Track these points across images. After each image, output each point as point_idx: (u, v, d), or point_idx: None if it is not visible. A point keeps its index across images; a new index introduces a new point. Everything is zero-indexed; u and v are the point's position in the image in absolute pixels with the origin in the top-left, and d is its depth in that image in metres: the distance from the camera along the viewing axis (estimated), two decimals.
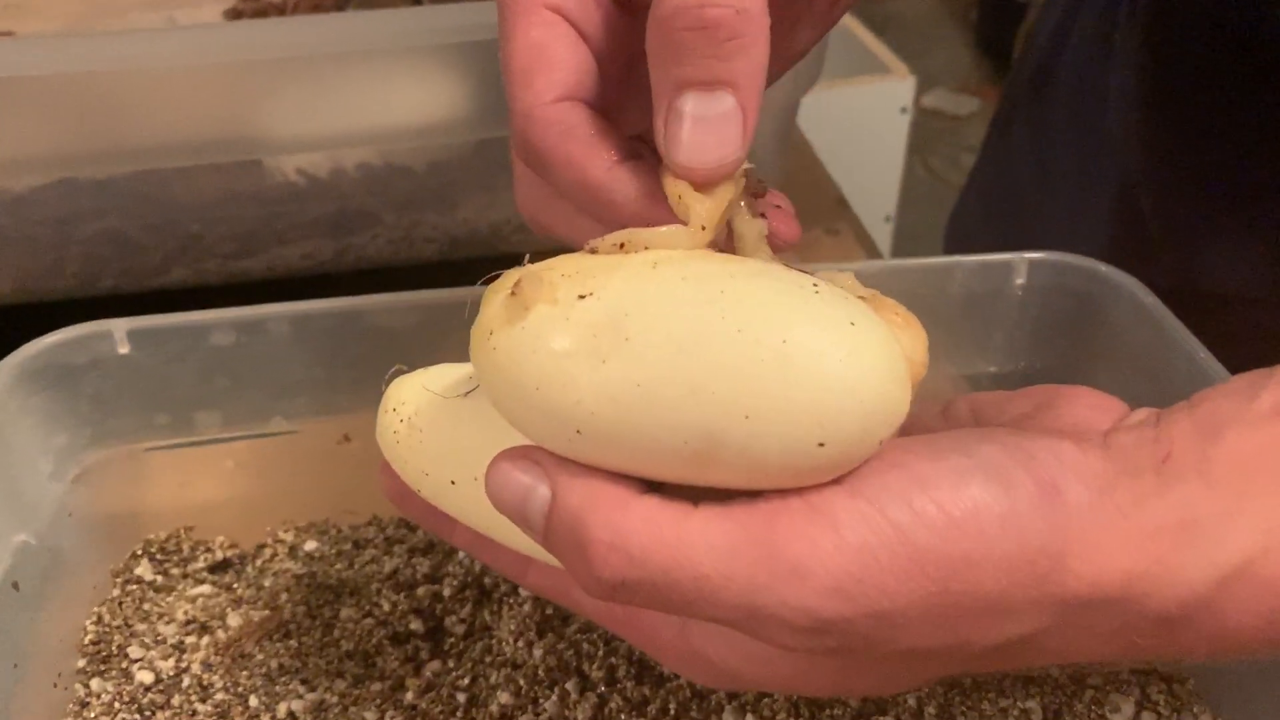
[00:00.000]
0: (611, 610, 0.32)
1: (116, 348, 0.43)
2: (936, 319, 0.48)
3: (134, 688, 0.40)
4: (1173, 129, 0.58)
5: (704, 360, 0.25)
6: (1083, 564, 0.26)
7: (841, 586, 0.25)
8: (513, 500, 0.28)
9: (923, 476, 0.26)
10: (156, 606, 0.44)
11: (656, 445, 0.26)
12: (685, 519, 0.26)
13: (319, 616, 0.43)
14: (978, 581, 0.25)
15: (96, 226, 0.60)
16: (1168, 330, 0.44)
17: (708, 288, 0.26)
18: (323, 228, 0.63)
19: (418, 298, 0.45)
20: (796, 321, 0.25)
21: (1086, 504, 0.26)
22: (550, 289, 0.26)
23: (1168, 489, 0.26)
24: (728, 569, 0.25)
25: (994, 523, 0.25)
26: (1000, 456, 0.26)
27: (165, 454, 0.45)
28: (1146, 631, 0.27)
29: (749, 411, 0.25)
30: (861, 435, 0.25)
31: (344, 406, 0.46)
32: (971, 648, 0.27)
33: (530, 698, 0.40)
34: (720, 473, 0.26)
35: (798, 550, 0.25)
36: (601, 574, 0.26)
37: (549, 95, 0.30)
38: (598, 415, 0.26)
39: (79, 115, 0.56)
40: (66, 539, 0.42)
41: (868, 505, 0.25)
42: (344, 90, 0.57)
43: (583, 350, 0.26)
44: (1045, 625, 0.26)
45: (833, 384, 0.25)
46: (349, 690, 0.41)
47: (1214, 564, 0.26)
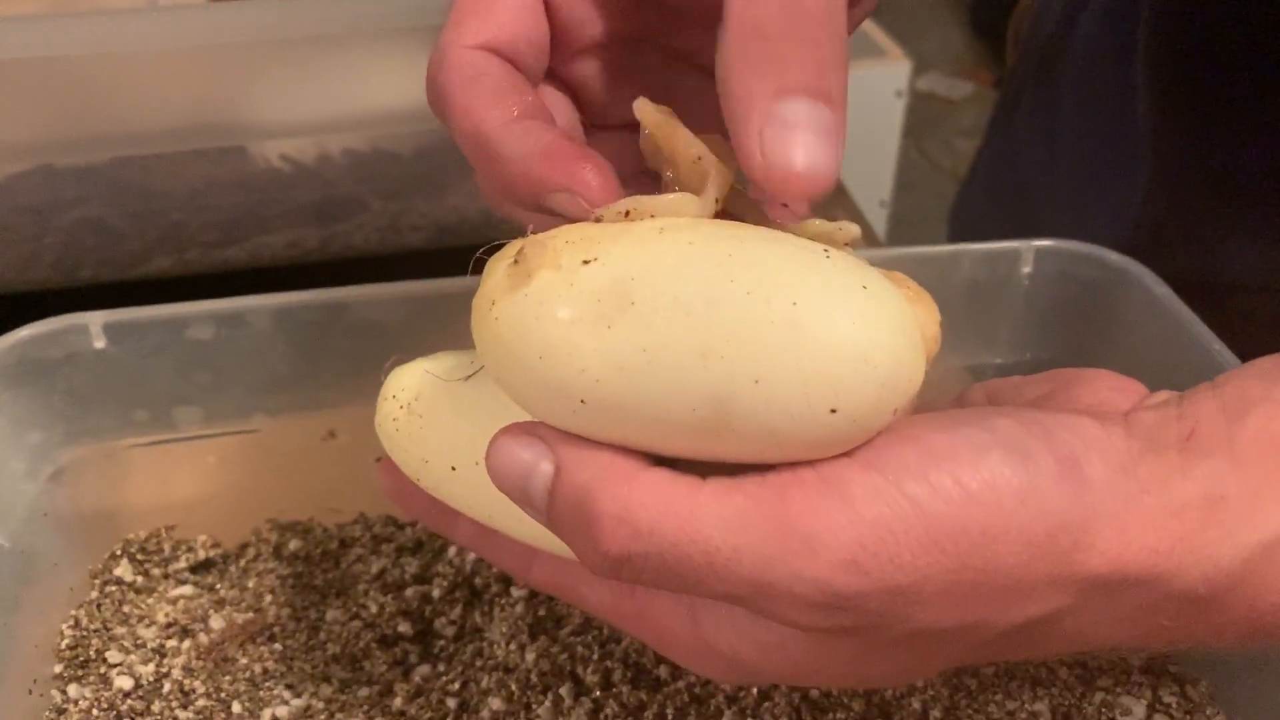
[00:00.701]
0: (619, 605, 0.31)
1: (92, 342, 0.41)
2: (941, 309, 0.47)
3: (113, 694, 0.39)
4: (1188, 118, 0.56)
5: (712, 324, 0.24)
6: (1105, 541, 0.25)
7: (856, 560, 0.24)
8: (515, 478, 0.27)
9: (938, 450, 0.25)
10: (136, 609, 0.42)
11: (664, 413, 0.25)
12: (695, 491, 0.25)
13: (304, 619, 0.42)
14: (996, 557, 0.25)
15: (76, 215, 0.58)
16: (1182, 321, 0.43)
17: (715, 250, 0.25)
18: (308, 215, 0.62)
19: (405, 289, 0.43)
20: (807, 284, 0.24)
21: (1108, 481, 0.25)
22: (554, 255, 0.26)
23: (1192, 467, 0.26)
24: (738, 542, 0.24)
25: (1012, 497, 0.25)
26: (1019, 431, 0.25)
27: (144, 451, 0.44)
28: (1172, 612, 0.26)
29: (759, 376, 0.24)
30: (875, 402, 0.24)
31: (329, 402, 0.45)
32: (988, 629, 0.26)
33: (523, 703, 0.38)
34: (729, 443, 0.25)
35: (811, 523, 0.24)
36: (609, 548, 0.25)
37: (470, 40, 0.29)
38: (603, 383, 0.25)
39: (57, 100, 0.55)
40: (42, 540, 0.41)
41: (882, 478, 0.25)
42: (329, 74, 0.56)
43: (587, 316, 0.25)
44: (1065, 605, 0.26)
45: (845, 348, 0.24)
46: (335, 696, 0.39)
47: (1242, 543, 0.25)
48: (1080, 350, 0.47)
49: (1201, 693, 0.39)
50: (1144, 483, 0.25)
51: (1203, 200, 0.57)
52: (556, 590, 0.33)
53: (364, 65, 0.56)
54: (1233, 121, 0.55)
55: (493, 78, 0.28)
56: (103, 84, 0.55)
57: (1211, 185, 0.57)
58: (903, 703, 0.39)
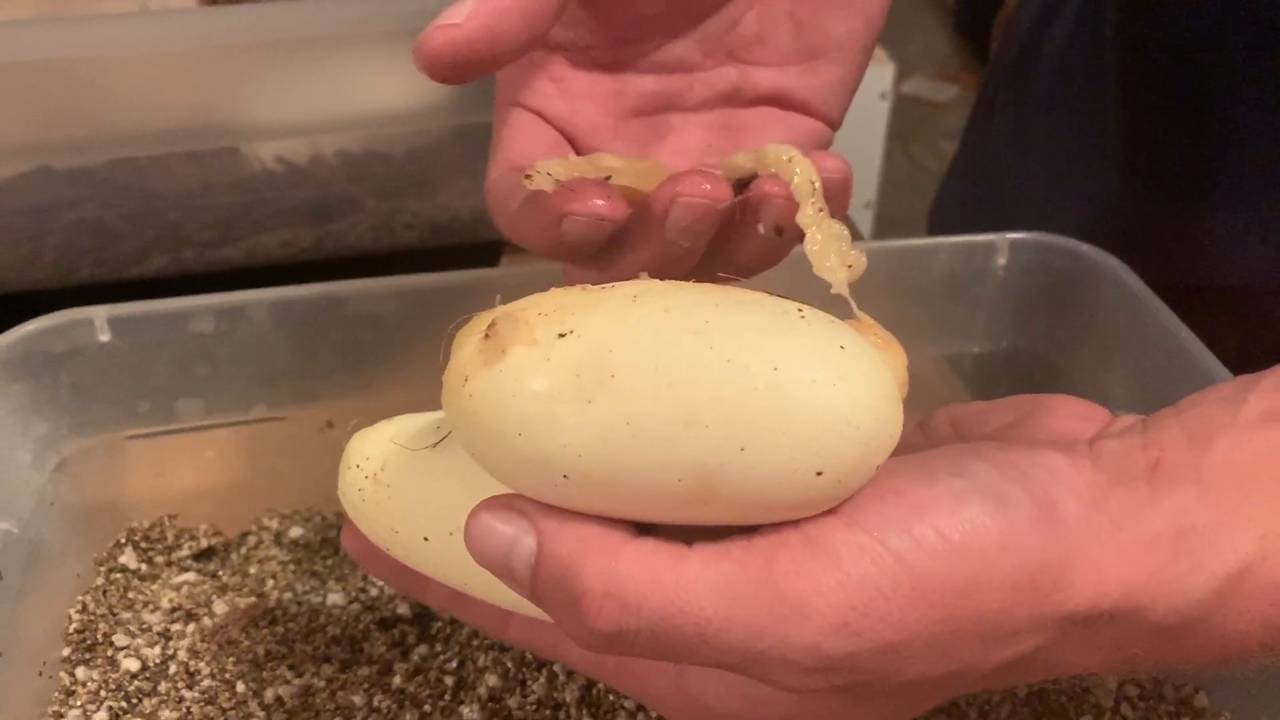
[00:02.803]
0: (601, 661, 0.31)
1: (97, 335, 0.42)
2: (920, 300, 0.49)
3: (120, 675, 0.40)
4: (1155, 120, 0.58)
5: (695, 393, 0.24)
6: (1082, 579, 0.26)
7: (847, 623, 0.24)
8: (495, 554, 0.27)
9: (919, 502, 0.25)
10: (141, 595, 0.44)
11: (649, 485, 0.25)
12: (681, 561, 0.25)
13: (305, 603, 0.43)
14: (981, 605, 0.25)
15: (74, 216, 0.59)
16: (1150, 310, 0.44)
17: (692, 318, 0.25)
18: (303, 215, 0.63)
19: (399, 283, 0.44)
20: (786, 349, 0.25)
21: (1082, 518, 0.26)
22: (528, 329, 0.25)
23: (1161, 499, 0.26)
24: (729, 611, 0.24)
25: (994, 545, 0.25)
26: (994, 475, 0.26)
27: (147, 442, 0.45)
28: (1145, 643, 0.27)
29: (744, 443, 0.24)
30: (860, 462, 0.25)
31: (326, 393, 0.46)
32: (974, 671, 0.26)
33: (518, 680, 0.40)
34: (715, 509, 0.25)
35: (800, 588, 0.24)
36: (596, 625, 0.25)
37: (493, 173, 0.33)
38: (586, 457, 0.25)
39: (55, 103, 0.56)
40: (48, 528, 0.42)
41: (866, 536, 0.25)
42: (322, 77, 0.57)
43: (567, 391, 0.25)
44: (1045, 643, 0.26)
45: (829, 411, 0.24)
46: (336, 675, 0.40)
47: (1211, 573, 0.26)
48: (1054, 338, 0.49)
49: None
50: (1115, 517, 0.26)
51: (1169, 199, 0.59)
52: (535, 648, 0.33)
53: (356, 68, 0.57)
54: (1198, 123, 0.57)
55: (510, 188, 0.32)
56: (100, 87, 0.56)
57: (1178, 184, 0.58)
58: None
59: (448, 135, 0.61)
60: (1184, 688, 0.40)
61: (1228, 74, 0.54)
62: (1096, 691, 0.40)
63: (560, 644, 0.32)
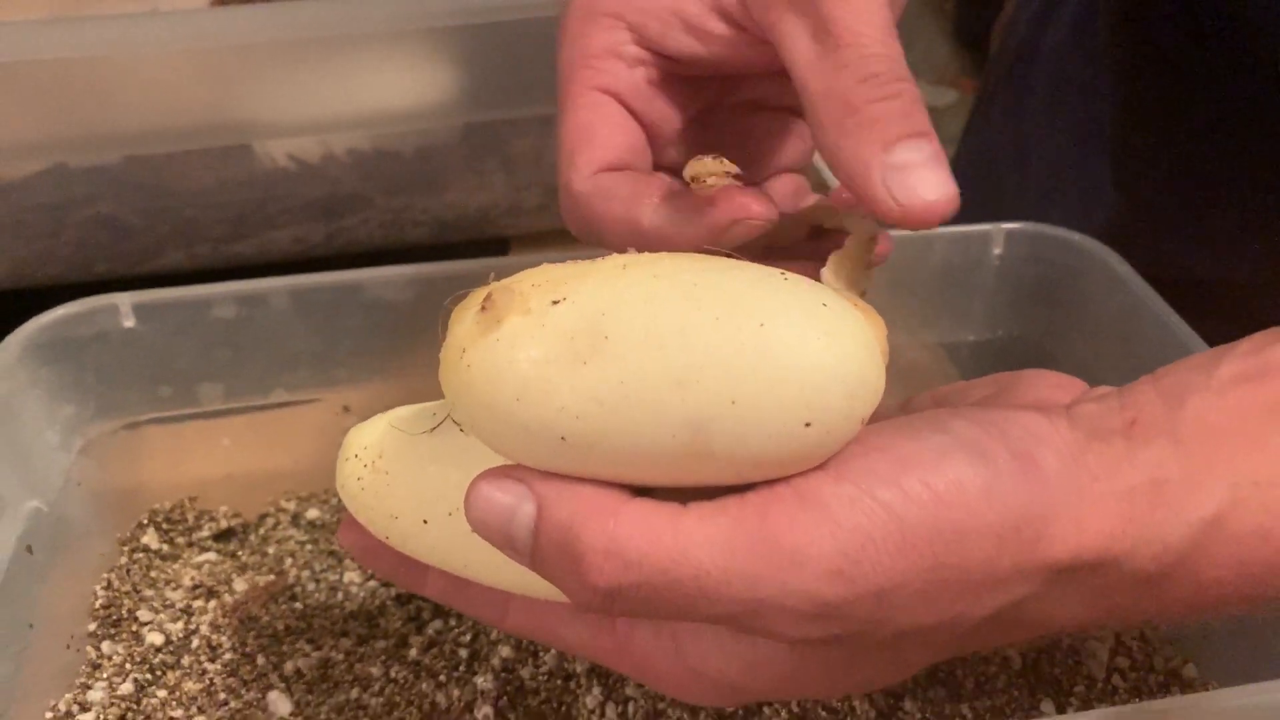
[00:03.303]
0: (599, 642, 0.31)
1: (121, 321, 0.44)
2: (917, 289, 0.50)
3: (144, 649, 0.42)
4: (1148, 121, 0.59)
5: (685, 351, 0.25)
6: (1064, 530, 0.27)
7: (840, 569, 0.25)
8: (496, 523, 0.27)
9: (904, 456, 0.26)
10: (163, 573, 0.45)
11: (644, 443, 0.26)
12: (678, 519, 0.26)
13: (323, 580, 0.45)
14: (967, 553, 0.26)
15: (90, 212, 0.61)
16: (1141, 298, 0.46)
17: (680, 282, 0.26)
18: (314, 211, 0.64)
19: (415, 271, 0.46)
20: (772, 307, 0.26)
21: (1061, 472, 0.27)
22: (522, 299, 0.26)
23: (1137, 453, 0.27)
24: (726, 563, 0.25)
25: (978, 495, 0.26)
26: (975, 431, 0.27)
27: (169, 425, 0.47)
28: (1127, 592, 0.28)
29: (735, 397, 0.25)
30: (846, 413, 0.26)
31: (344, 378, 0.47)
32: (963, 623, 0.27)
33: (530, 651, 0.41)
34: (709, 466, 0.26)
35: (794, 538, 0.25)
36: (598, 582, 0.26)
37: (587, 171, 0.32)
38: (583, 419, 0.25)
39: (70, 101, 0.57)
40: (75, 508, 0.44)
41: (854, 488, 0.26)
42: (333, 76, 0.58)
43: (562, 355, 0.26)
44: (1031, 593, 0.27)
45: (814, 363, 0.25)
46: (354, 648, 0.42)
47: (1186, 521, 0.27)
48: (1048, 326, 0.50)
49: (1160, 636, 0.42)
50: (1093, 471, 0.27)
51: (1162, 197, 0.60)
52: (533, 634, 0.33)
53: (367, 67, 0.58)
54: (1190, 123, 0.58)
55: (620, 188, 0.32)
56: (114, 86, 0.57)
57: (1170, 183, 0.60)
58: None
59: (456, 134, 0.62)
60: (1173, 659, 0.42)
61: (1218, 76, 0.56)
62: (1089, 663, 0.41)
63: (558, 628, 0.32)
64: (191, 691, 0.40)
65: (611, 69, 0.33)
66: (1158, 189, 0.60)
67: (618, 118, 0.33)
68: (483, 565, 0.31)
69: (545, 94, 0.60)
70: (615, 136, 0.33)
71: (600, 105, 0.33)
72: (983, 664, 0.41)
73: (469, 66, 0.59)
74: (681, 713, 0.39)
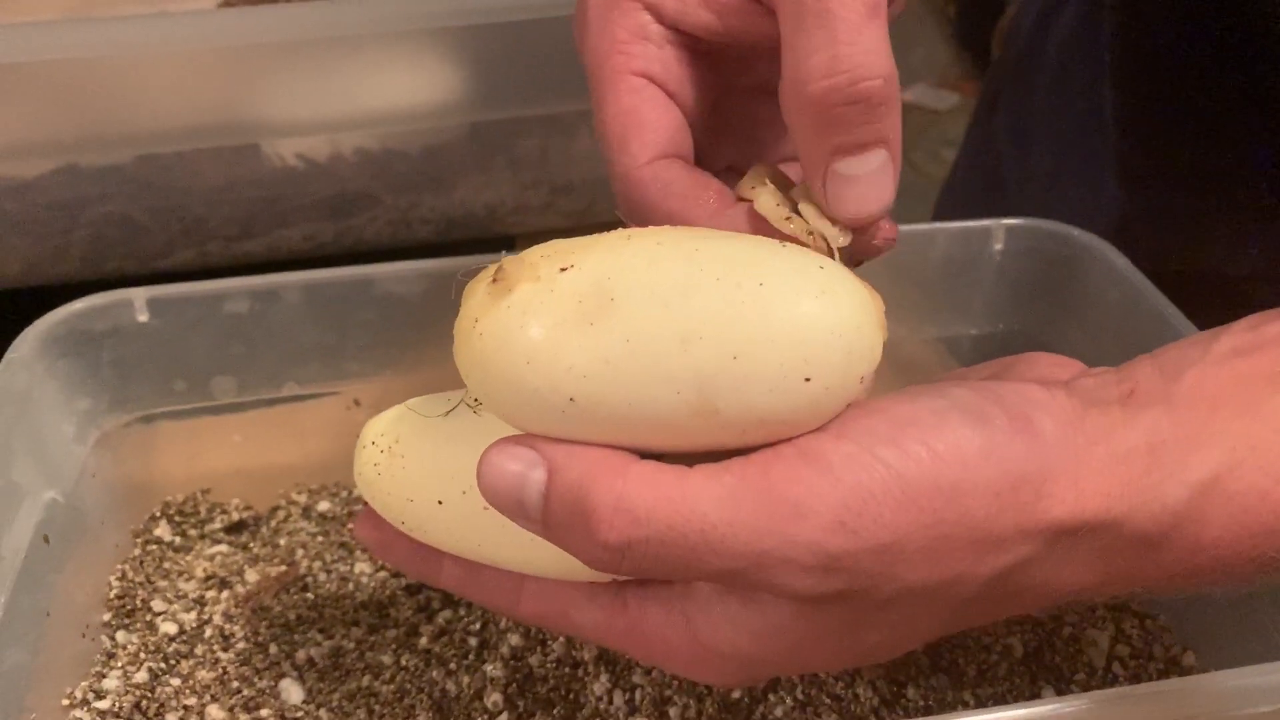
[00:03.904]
0: (612, 624, 0.31)
1: (136, 315, 0.44)
2: (919, 284, 0.51)
3: (158, 638, 0.42)
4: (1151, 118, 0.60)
5: (688, 309, 0.26)
6: (1062, 491, 0.27)
7: (843, 521, 0.26)
8: (507, 490, 0.28)
9: (903, 418, 0.27)
10: (176, 565, 0.46)
11: (651, 400, 0.26)
12: (685, 477, 0.27)
13: (334, 571, 0.45)
14: (967, 511, 0.27)
15: (101, 211, 0.61)
16: (1140, 291, 0.46)
17: (683, 248, 0.28)
18: (323, 210, 0.65)
19: (426, 266, 0.46)
20: (770, 268, 0.27)
21: (1058, 435, 0.28)
22: (532, 268, 0.27)
23: (1134, 419, 0.28)
24: (732, 517, 0.26)
25: (976, 454, 0.27)
26: (972, 396, 0.28)
27: (182, 418, 0.47)
28: (1127, 554, 0.28)
29: (736, 353, 0.26)
30: (844, 369, 0.27)
31: (355, 372, 0.48)
32: (967, 583, 0.28)
33: (539, 639, 0.42)
34: (714, 425, 0.27)
35: (797, 492, 0.26)
36: (608, 538, 0.27)
37: (644, 157, 0.33)
38: (590, 378, 0.26)
39: (82, 101, 0.58)
40: (90, 499, 0.44)
41: (855, 446, 0.27)
42: (341, 76, 0.59)
43: (570, 317, 0.27)
44: (1032, 554, 0.28)
45: (812, 319, 0.26)
46: (365, 637, 0.42)
47: (1184, 483, 0.28)
48: (1048, 319, 0.51)
49: (1159, 625, 0.43)
50: (1091, 435, 0.28)
51: (1165, 193, 0.61)
52: (547, 620, 0.33)
53: (374, 67, 0.59)
54: (1192, 121, 0.59)
55: (679, 182, 0.32)
56: (125, 86, 0.58)
57: (1173, 180, 0.60)
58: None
59: (463, 133, 0.63)
60: (1172, 647, 0.42)
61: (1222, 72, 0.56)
62: (1089, 651, 0.42)
63: (571, 611, 0.32)
64: (205, 680, 0.41)
65: (642, 52, 0.34)
66: (1161, 185, 0.61)
67: (660, 100, 0.34)
68: (496, 543, 0.32)
69: (551, 94, 0.61)
70: (662, 121, 0.33)
71: (641, 89, 0.33)
72: (984, 652, 0.42)
73: (476, 66, 0.60)
74: (687, 699, 0.39)
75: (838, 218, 0.31)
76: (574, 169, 0.65)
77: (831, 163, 0.30)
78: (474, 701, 0.40)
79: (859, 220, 0.31)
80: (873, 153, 0.30)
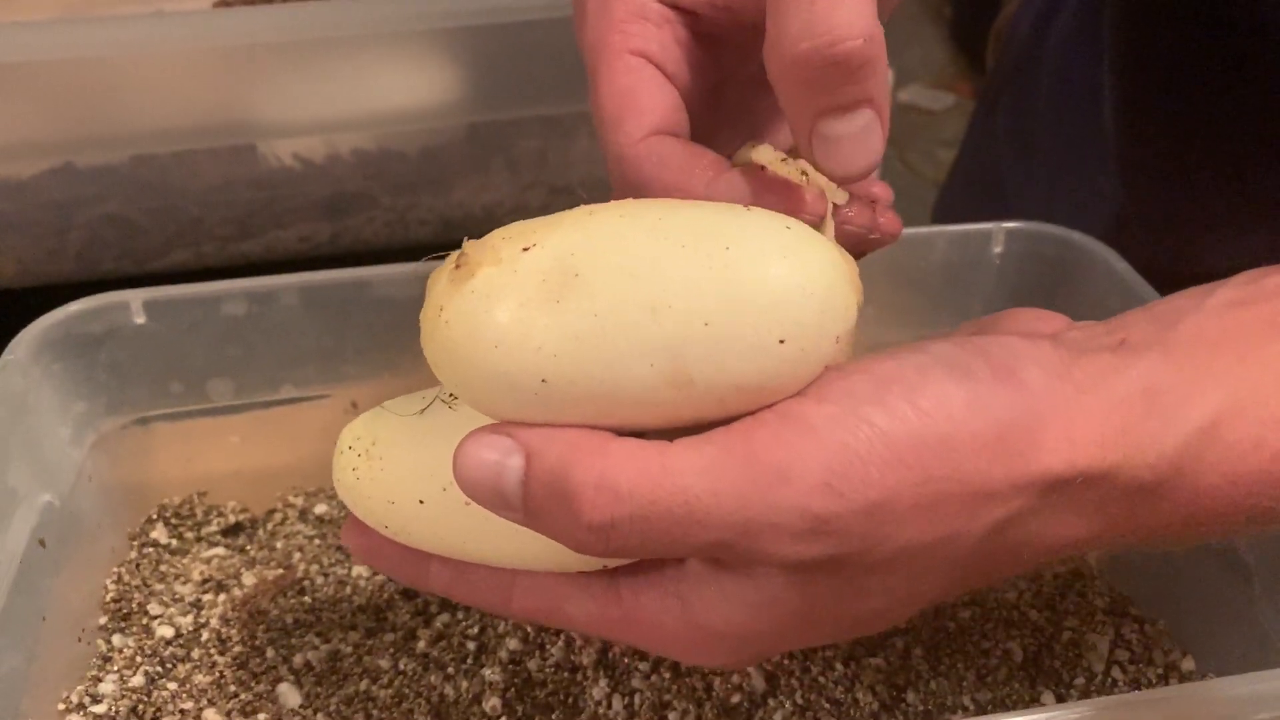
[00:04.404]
0: (606, 614, 0.31)
1: (133, 318, 0.44)
2: (919, 286, 0.51)
3: (155, 642, 0.42)
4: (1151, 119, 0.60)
5: (655, 278, 0.26)
6: (1053, 440, 0.27)
7: (829, 483, 0.26)
8: (485, 480, 0.27)
9: (885, 375, 0.27)
10: (172, 568, 0.45)
11: (624, 374, 0.26)
12: (665, 451, 0.26)
13: (331, 575, 0.45)
14: (956, 464, 0.26)
15: (98, 211, 0.61)
16: (1139, 294, 0.46)
17: (646, 218, 0.27)
18: (319, 211, 0.65)
19: (423, 268, 0.45)
20: (736, 232, 0.27)
21: (1045, 385, 0.27)
22: (493, 251, 0.27)
23: (1128, 365, 0.28)
24: (715, 486, 0.26)
25: (960, 406, 0.26)
26: (954, 350, 0.28)
27: (178, 421, 0.47)
28: (1123, 504, 0.28)
29: (707, 318, 0.26)
30: (818, 329, 0.26)
31: (351, 375, 0.48)
32: (962, 540, 0.27)
33: (537, 643, 0.41)
34: (690, 396, 0.26)
35: (780, 457, 0.26)
36: (591, 518, 0.26)
37: (639, 134, 0.32)
38: (561, 356, 0.26)
39: (78, 101, 0.57)
40: (86, 503, 0.44)
41: (838, 408, 0.26)
42: (337, 76, 0.59)
43: (535, 296, 0.26)
44: (1027, 506, 0.27)
45: (781, 279, 0.26)
46: (362, 641, 0.42)
47: (1181, 430, 0.27)
48: None
49: (1159, 630, 0.43)
50: (1081, 383, 0.27)
51: (1165, 193, 0.61)
52: (540, 615, 0.32)
53: (371, 68, 0.59)
54: (1191, 121, 0.59)
55: (674, 155, 0.32)
56: (121, 86, 0.58)
57: (1173, 180, 0.60)
58: (887, 642, 0.42)
59: (460, 134, 0.63)
60: (1171, 651, 0.42)
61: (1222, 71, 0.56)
62: (1088, 655, 0.42)
63: (564, 605, 0.31)
64: (202, 684, 0.41)
65: (641, 31, 0.33)
66: (1161, 184, 0.61)
67: (657, 80, 0.33)
68: (482, 539, 0.31)
69: (549, 95, 0.61)
70: (657, 99, 0.33)
71: (638, 69, 0.33)
72: (983, 656, 0.42)
73: (473, 67, 0.60)
74: (686, 704, 0.39)
75: (827, 174, 0.30)
76: (572, 170, 0.65)
77: (816, 124, 0.30)
78: (472, 706, 0.39)
79: (848, 178, 0.30)
80: (858, 113, 0.30)
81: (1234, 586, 0.41)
